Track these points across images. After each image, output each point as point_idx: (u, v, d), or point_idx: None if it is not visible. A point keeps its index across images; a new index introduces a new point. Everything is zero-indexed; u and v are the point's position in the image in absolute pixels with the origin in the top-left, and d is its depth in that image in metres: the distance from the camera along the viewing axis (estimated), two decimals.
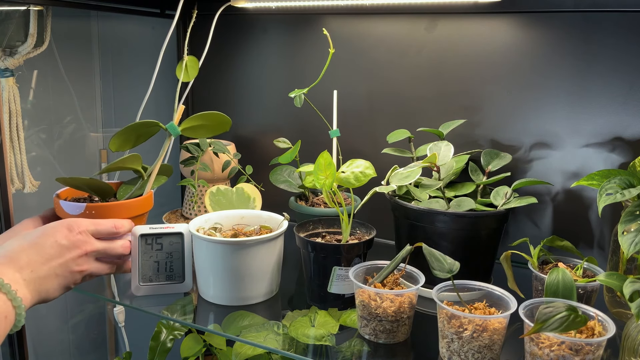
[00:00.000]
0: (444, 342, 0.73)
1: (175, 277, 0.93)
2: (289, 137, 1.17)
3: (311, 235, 0.93)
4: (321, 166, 0.85)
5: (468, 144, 1.09)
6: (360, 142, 1.19)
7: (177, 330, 1.30)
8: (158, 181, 1.06)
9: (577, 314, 0.64)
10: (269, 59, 1.27)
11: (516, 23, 1.01)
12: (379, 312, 0.77)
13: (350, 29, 1.16)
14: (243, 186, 1.11)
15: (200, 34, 1.19)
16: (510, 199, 0.91)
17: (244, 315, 0.86)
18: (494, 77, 1.05)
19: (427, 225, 0.89)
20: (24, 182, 1.15)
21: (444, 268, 0.75)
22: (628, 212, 0.72)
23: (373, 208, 1.09)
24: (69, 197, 1.02)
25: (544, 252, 0.90)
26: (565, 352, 0.65)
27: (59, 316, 1.43)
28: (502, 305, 0.76)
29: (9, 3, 1.06)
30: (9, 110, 1.10)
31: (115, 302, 0.95)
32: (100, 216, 0.95)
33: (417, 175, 0.86)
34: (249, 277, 0.88)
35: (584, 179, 0.79)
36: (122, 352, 1.54)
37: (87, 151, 1.47)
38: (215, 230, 0.94)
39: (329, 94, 1.06)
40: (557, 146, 1.02)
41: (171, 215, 1.23)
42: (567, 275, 0.76)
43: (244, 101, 1.32)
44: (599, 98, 0.97)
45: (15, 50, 1.11)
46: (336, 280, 0.86)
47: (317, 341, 0.79)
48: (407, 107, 1.13)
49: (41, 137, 1.32)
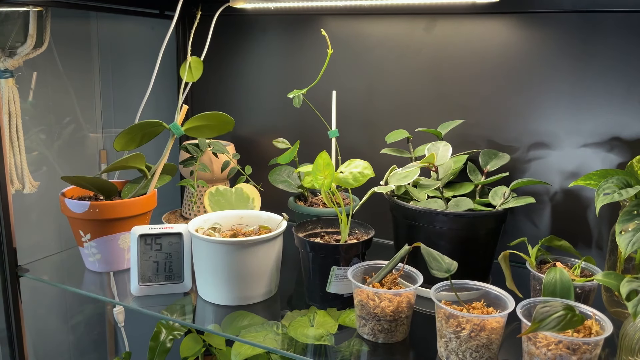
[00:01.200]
0: (442, 342, 0.74)
1: (174, 277, 0.94)
2: (288, 137, 1.17)
3: (310, 235, 0.94)
4: (320, 166, 0.85)
5: (466, 144, 1.09)
6: (359, 142, 1.19)
7: (177, 331, 1.30)
8: (162, 180, 1.06)
9: (574, 313, 0.64)
10: (267, 60, 1.27)
11: (514, 23, 1.02)
12: (378, 311, 0.77)
13: (348, 29, 1.16)
14: (242, 186, 1.11)
15: (200, 35, 1.19)
16: (508, 199, 0.91)
17: (244, 315, 0.87)
18: (492, 78, 1.05)
19: (425, 225, 0.89)
20: (23, 182, 1.15)
21: (442, 268, 0.76)
22: (625, 211, 0.72)
23: (372, 208, 1.09)
24: (74, 195, 1.02)
25: (542, 252, 0.90)
26: (562, 351, 0.65)
27: (58, 316, 1.43)
28: (500, 304, 0.76)
29: (9, 4, 1.07)
30: (8, 111, 1.10)
31: (114, 302, 0.96)
32: (103, 214, 0.96)
33: (416, 176, 0.86)
34: (248, 277, 0.88)
35: (582, 179, 0.79)
36: (121, 352, 1.55)
37: (87, 152, 1.47)
38: (215, 231, 0.95)
39: (327, 94, 1.06)
40: (555, 146, 1.02)
41: (170, 216, 1.24)
42: (565, 274, 0.76)
43: (243, 102, 1.32)
44: (597, 98, 0.97)
45: (15, 51, 1.11)
46: (335, 280, 0.87)
47: (316, 341, 0.79)
48: (406, 108, 1.14)
49: (41, 137, 1.33)
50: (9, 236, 1.00)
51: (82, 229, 0.97)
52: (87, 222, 0.96)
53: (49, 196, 1.34)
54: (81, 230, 0.98)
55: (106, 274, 1.01)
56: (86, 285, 0.98)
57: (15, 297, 1.03)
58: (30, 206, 1.32)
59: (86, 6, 1.18)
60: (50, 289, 1.38)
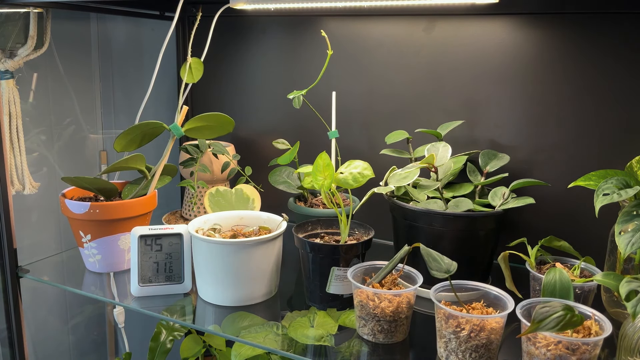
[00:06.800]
0: (442, 342, 0.74)
1: (174, 277, 0.94)
2: (287, 138, 1.17)
3: (310, 235, 0.94)
4: (320, 167, 0.85)
5: (466, 145, 1.09)
6: (359, 143, 1.20)
7: (177, 331, 1.30)
8: (162, 181, 1.07)
9: (573, 313, 0.65)
10: (267, 61, 1.27)
11: (514, 24, 1.02)
12: (377, 312, 0.77)
13: (348, 30, 1.16)
14: (242, 187, 1.11)
15: (200, 36, 1.19)
16: (508, 200, 0.91)
17: (244, 316, 0.87)
18: (491, 78, 1.05)
19: (425, 225, 0.90)
20: (24, 183, 1.15)
21: (441, 268, 0.76)
22: (625, 212, 0.72)
23: (371, 209, 1.09)
24: (75, 196, 1.03)
25: (542, 252, 0.90)
26: (562, 351, 0.65)
27: (58, 317, 1.43)
28: (499, 305, 0.76)
29: (9, 5, 1.07)
30: (9, 112, 1.10)
31: (115, 303, 0.96)
32: (104, 215, 0.96)
33: (415, 176, 0.86)
34: (248, 278, 0.88)
35: (581, 180, 0.80)
36: (121, 352, 1.55)
37: (87, 153, 1.47)
38: (215, 231, 0.95)
39: (327, 95, 1.06)
40: (554, 147, 1.02)
41: (171, 216, 1.24)
42: (565, 275, 0.76)
43: (243, 102, 1.32)
44: (596, 98, 0.98)
45: (15, 52, 1.11)
46: (335, 281, 0.87)
47: (316, 341, 0.80)
48: (406, 108, 1.14)
49: (41, 138, 1.33)
50: (10, 237, 1.00)
51: (83, 229, 0.98)
52: (88, 222, 0.96)
53: (49, 197, 1.34)
54: (81, 231, 0.98)
55: (106, 274, 1.01)
56: (86, 286, 0.98)
57: (16, 298, 1.03)
58: (31, 207, 1.32)
59: (87, 7, 1.18)
60: (51, 289, 1.38)
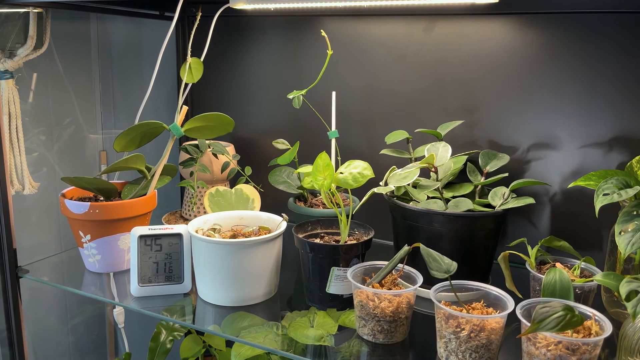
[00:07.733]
0: (442, 342, 0.74)
1: (174, 278, 0.94)
2: (287, 138, 1.17)
3: (310, 236, 0.94)
4: (319, 167, 0.85)
5: (466, 145, 1.09)
6: (359, 143, 1.20)
7: (177, 331, 1.30)
8: (162, 181, 1.07)
9: (573, 313, 0.65)
10: (267, 61, 1.27)
11: (513, 24, 1.02)
12: (377, 312, 0.77)
13: (348, 30, 1.16)
14: (242, 187, 1.11)
15: (199, 36, 1.19)
16: (508, 200, 0.91)
17: (243, 316, 0.87)
18: (491, 78, 1.05)
19: (425, 225, 0.90)
20: (23, 183, 1.15)
21: (441, 268, 0.76)
22: (625, 212, 0.72)
23: (371, 209, 1.09)
24: (74, 196, 1.03)
25: (542, 253, 0.90)
26: (562, 351, 0.65)
27: (58, 317, 1.43)
28: (499, 305, 0.76)
29: (9, 5, 1.07)
30: (8, 112, 1.10)
31: (114, 303, 0.96)
32: (103, 215, 0.96)
33: (415, 176, 0.86)
34: (248, 278, 0.88)
35: (582, 180, 0.80)
36: (121, 353, 1.55)
37: (87, 153, 1.47)
38: (214, 231, 0.95)
39: (327, 95, 1.06)
40: (554, 147, 1.02)
41: (170, 217, 1.24)
42: (565, 275, 0.76)
43: (242, 102, 1.32)
44: (596, 99, 0.97)
45: (15, 52, 1.11)
46: (334, 281, 0.87)
47: (316, 342, 0.79)
48: (405, 108, 1.14)
49: (41, 138, 1.33)
50: (9, 237, 1.00)
51: (82, 229, 0.98)
52: (87, 223, 0.96)
53: (49, 197, 1.34)
54: (81, 231, 0.98)
55: (106, 274, 1.01)
56: (86, 286, 0.98)
57: (16, 298, 1.03)
58: (30, 207, 1.32)
59: (86, 7, 1.18)
60: (50, 289, 1.38)
